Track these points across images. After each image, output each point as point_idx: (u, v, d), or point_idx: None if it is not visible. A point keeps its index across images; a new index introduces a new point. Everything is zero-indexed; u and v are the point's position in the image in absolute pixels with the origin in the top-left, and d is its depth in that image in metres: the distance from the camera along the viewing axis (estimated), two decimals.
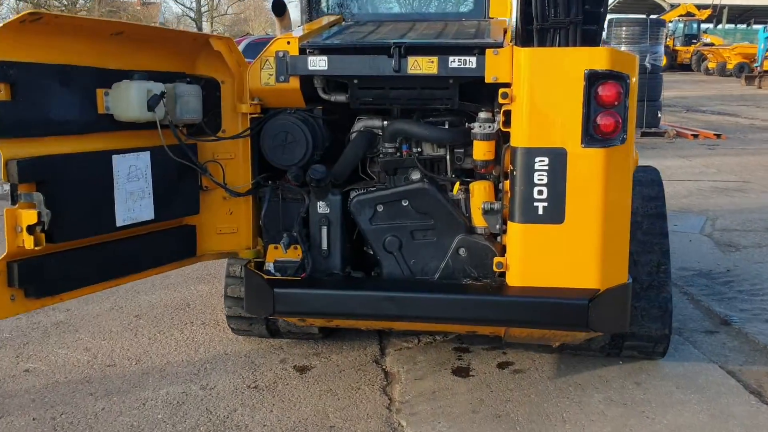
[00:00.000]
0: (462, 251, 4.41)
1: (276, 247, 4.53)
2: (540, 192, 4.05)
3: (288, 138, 4.48)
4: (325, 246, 4.54)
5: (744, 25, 59.72)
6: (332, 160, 4.65)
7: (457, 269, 4.42)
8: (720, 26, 57.22)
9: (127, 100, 3.83)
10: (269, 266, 4.53)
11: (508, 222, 4.19)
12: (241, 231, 4.71)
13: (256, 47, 14.72)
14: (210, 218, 4.65)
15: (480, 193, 4.35)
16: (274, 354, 5.44)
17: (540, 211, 4.07)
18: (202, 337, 5.80)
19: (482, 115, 4.23)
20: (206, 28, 57.14)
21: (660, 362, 5.28)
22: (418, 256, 4.47)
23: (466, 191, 4.43)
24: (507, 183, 4.19)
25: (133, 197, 3.97)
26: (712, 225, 9.46)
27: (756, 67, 37.56)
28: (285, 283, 4.37)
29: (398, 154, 4.52)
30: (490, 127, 4.20)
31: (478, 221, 4.39)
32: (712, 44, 47.82)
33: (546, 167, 4.02)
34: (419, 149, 4.52)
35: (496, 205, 4.24)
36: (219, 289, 6.73)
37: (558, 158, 4.00)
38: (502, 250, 4.37)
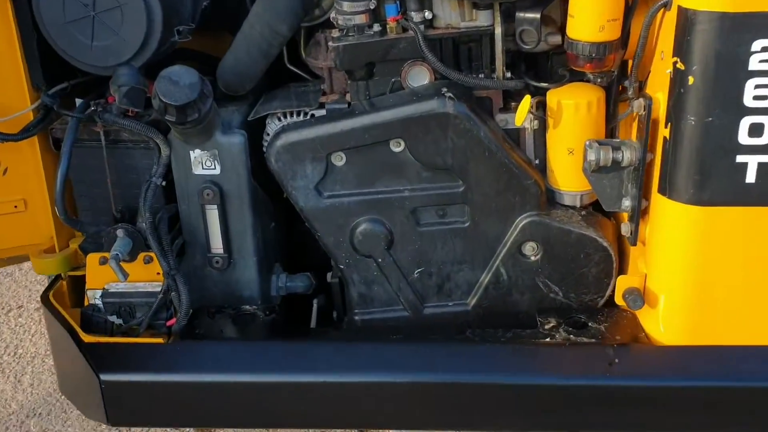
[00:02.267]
0: (530, 249, 1.95)
1: (103, 260, 1.97)
2: (756, 129, 1.56)
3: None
4: (218, 248, 2.01)
5: None
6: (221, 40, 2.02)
7: (520, 288, 1.98)
8: None
9: None
10: (96, 298, 2.00)
11: (654, 195, 1.73)
12: (33, 207, 2.13)
13: None
14: None
15: (576, 118, 1.82)
16: None
17: (750, 176, 1.60)
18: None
19: None
20: None
21: None
22: (431, 259, 1.99)
23: (541, 112, 1.89)
24: (657, 96, 1.68)
25: None
26: None
27: None
28: (127, 354, 1.87)
29: (376, 26, 1.89)
30: None
31: (569, 182, 1.91)
32: None
33: None
34: (426, 13, 1.87)
35: (625, 152, 1.73)
36: None
37: None
38: (619, 250, 1.94)
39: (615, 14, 1.66)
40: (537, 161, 1.97)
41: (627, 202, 1.79)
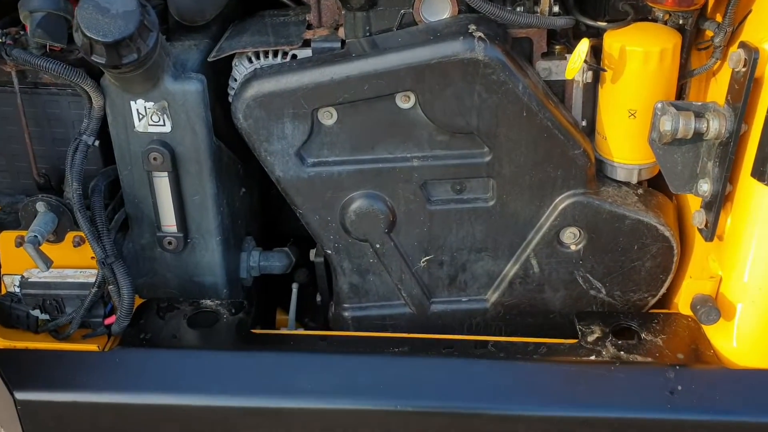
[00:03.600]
0: (570, 236, 1.53)
1: (20, 241, 1.53)
2: None
3: None
4: (170, 225, 1.57)
5: None
6: None
7: (553, 284, 1.58)
8: None
9: None
10: (14, 286, 1.57)
11: (744, 178, 1.32)
12: None
13: None
14: None
15: (645, 71, 1.38)
16: None
17: None
18: None
19: None
20: None
21: None
22: (442, 245, 1.57)
23: (595, 61, 1.44)
24: (765, 47, 1.23)
25: None
26: None
27: None
28: (51, 365, 1.45)
29: None
30: None
31: (626, 152, 1.49)
32: None
33: None
34: None
35: (711, 121, 1.30)
36: None
37: None
38: (680, 248, 1.54)
39: None
40: (584, 123, 1.53)
41: (705, 186, 1.37)
